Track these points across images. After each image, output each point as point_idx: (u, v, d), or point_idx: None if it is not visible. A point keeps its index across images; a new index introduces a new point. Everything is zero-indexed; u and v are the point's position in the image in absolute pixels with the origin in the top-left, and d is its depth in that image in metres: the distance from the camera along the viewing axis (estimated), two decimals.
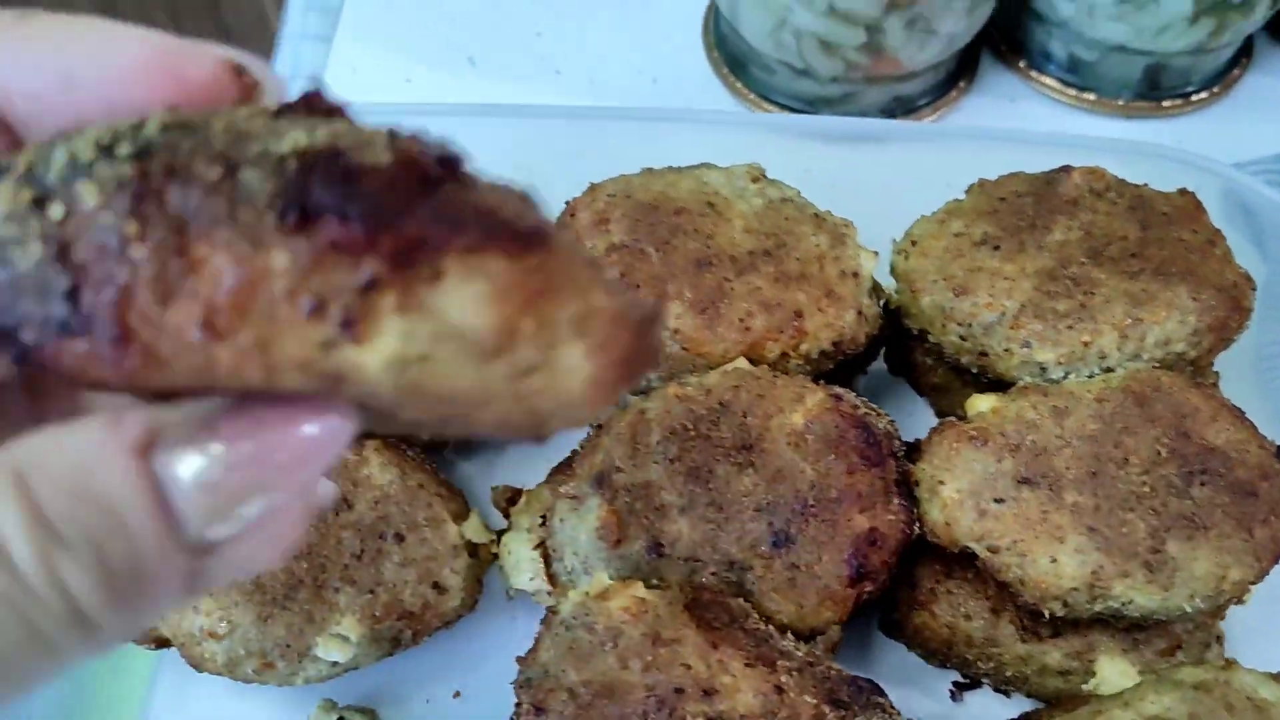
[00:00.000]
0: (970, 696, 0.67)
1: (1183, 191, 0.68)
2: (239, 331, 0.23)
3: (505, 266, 0.24)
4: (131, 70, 0.27)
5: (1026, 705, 0.66)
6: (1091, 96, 0.91)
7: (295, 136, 0.24)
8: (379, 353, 0.24)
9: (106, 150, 0.24)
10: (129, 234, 0.23)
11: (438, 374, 0.25)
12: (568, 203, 0.69)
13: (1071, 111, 0.92)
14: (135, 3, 1.74)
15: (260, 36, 1.74)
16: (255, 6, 1.75)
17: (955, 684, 0.67)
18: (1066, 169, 0.68)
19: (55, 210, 0.24)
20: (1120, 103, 0.91)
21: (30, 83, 0.27)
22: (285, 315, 0.23)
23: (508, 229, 0.24)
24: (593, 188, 0.69)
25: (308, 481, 0.26)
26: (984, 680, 0.66)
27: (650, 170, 0.69)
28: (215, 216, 0.23)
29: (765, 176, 0.70)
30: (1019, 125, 0.90)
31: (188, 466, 0.24)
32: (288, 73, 0.97)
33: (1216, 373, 0.69)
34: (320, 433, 0.25)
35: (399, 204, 0.24)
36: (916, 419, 0.74)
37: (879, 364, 0.74)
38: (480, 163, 0.26)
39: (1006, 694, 0.66)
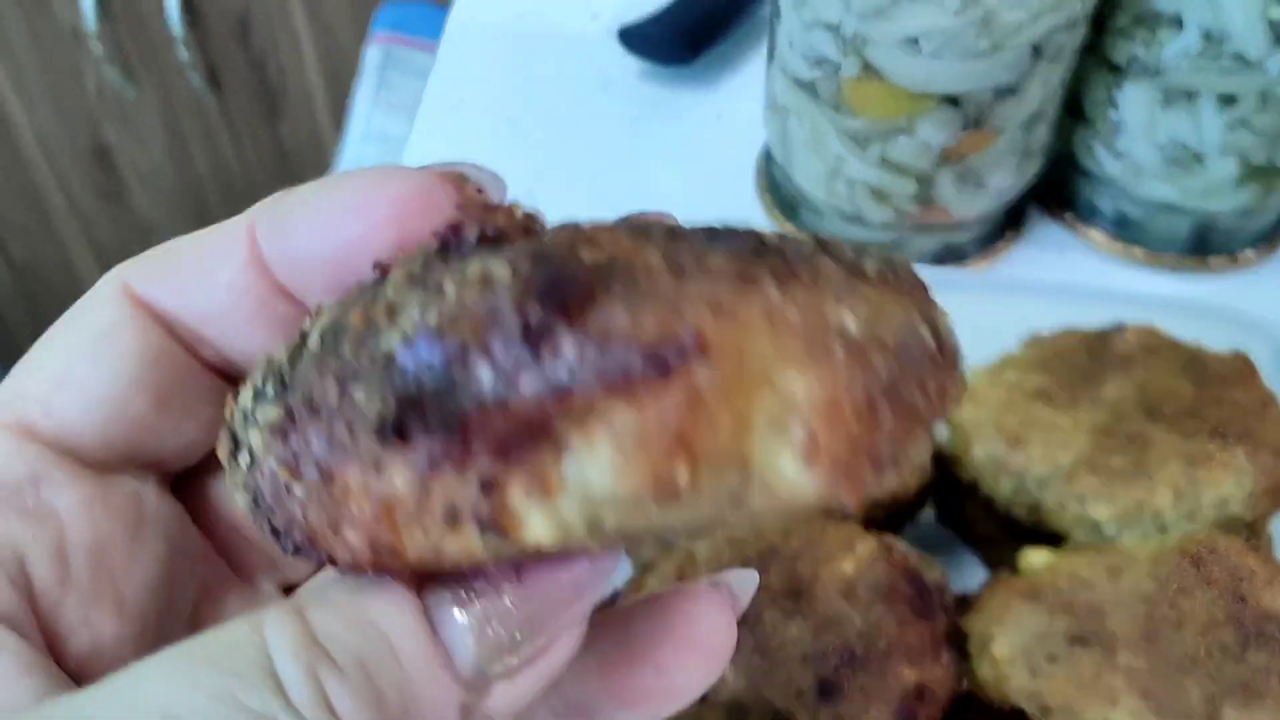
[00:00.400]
0: None
1: (1236, 353, 0.68)
2: (405, 547, 0.22)
3: (628, 416, 0.20)
4: (351, 211, 0.27)
5: None
6: (1139, 251, 0.92)
7: (408, 317, 0.22)
8: (539, 535, 0.21)
9: (259, 393, 0.25)
10: (287, 477, 0.23)
11: (632, 524, 0.21)
12: None
13: (1119, 265, 0.93)
14: (198, 120, 1.80)
15: (315, 161, 1.80)
16: (309, 125, 1.80)
17: None
18: (1120, 326, 0.68)
19: (244, 458, 0.25)
20: (1167, 258, 0.92)
21: (292, 250, 0.28)
22: (431, 527, 0.22)
23: (620, 370, 0.20)
24: None
25: (577, 615, 0.25)
26: None
27: None
28: (343, 444, 0.22)
29: None
30: (1067, 276, 0.91)
31: (460, 605, 0.25)
32: None
33: (1271, 535, 0.68)
34: (585, 571, 0.25)
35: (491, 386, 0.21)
36: (965, 570, 0.73)
37: (927, 512, 0.74)
38: None
39: None
